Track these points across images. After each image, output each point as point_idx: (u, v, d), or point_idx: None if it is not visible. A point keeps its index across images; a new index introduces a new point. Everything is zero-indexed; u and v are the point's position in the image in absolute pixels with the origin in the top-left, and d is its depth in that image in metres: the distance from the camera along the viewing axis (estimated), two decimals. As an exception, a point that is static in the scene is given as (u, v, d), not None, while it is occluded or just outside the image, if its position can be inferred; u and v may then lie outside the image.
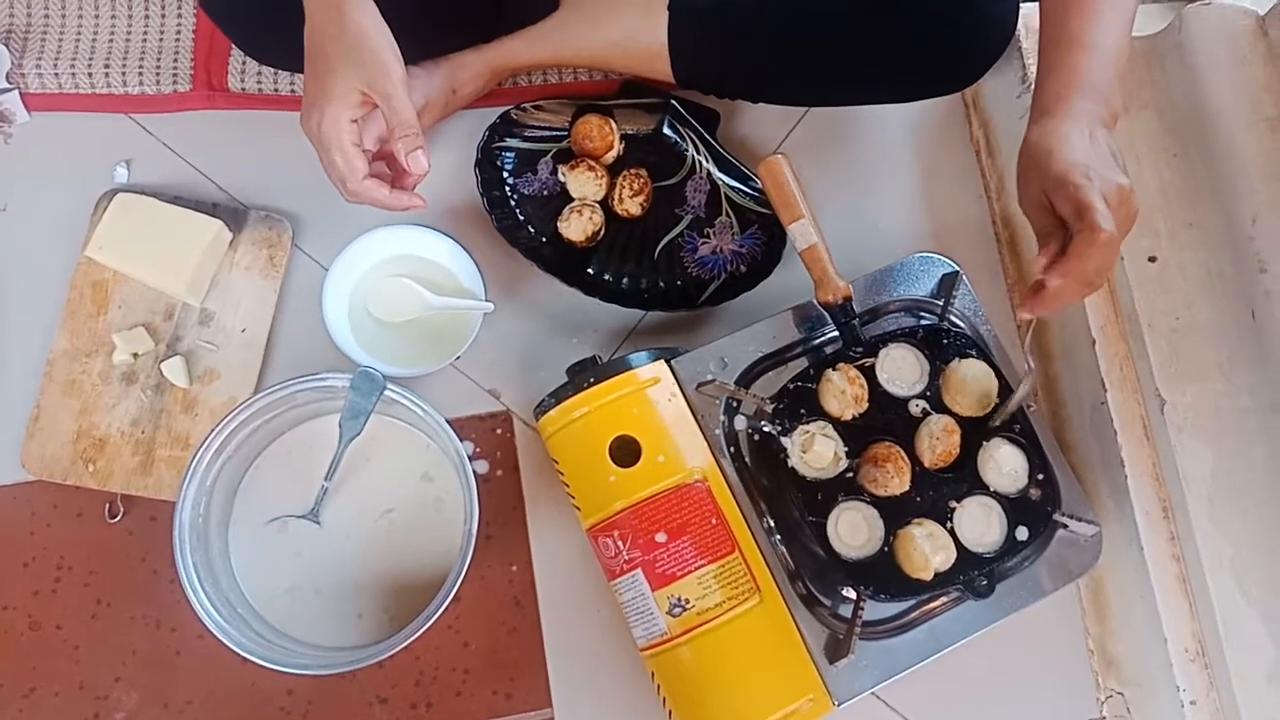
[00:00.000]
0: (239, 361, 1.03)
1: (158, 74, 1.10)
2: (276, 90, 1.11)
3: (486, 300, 1.02)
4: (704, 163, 1.11)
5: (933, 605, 0.95)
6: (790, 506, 0.94)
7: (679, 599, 0.91)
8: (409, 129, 0.81)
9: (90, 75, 1.09)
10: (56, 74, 1.09)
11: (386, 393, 0.92)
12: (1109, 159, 0.76)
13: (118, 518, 1.00)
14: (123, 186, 1.07)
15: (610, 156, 1.09)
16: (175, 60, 1.11)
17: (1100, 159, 0.75)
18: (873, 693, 0.99)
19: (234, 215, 1.06)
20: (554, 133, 1.11)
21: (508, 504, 1.04)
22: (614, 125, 1.09)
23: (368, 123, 0.85)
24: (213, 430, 0.90)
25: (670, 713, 0.92)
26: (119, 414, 1.01)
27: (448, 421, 0.93)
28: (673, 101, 1.11)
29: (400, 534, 1.00)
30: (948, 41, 1.00)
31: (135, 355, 1.02)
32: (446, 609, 0.90)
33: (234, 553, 0.97)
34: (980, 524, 0.93)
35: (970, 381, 0.95)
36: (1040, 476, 0.94)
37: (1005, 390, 0.96)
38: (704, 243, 1.09)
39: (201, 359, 1.03)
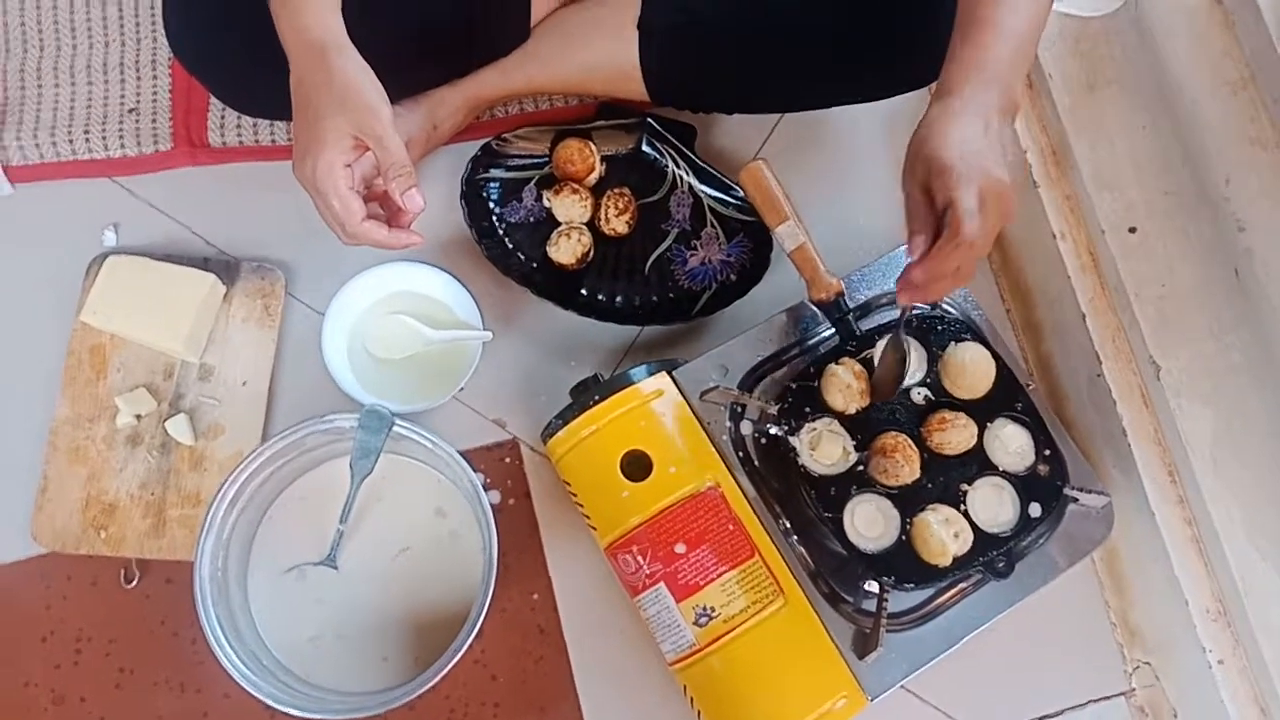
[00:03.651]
0: (243, 414, 1.03)
1: (138, 135, 1.11)
2: (257, 142, 1.12)
3: (484, 329, 1.03)
4: (685, 177, 1.12)
5: (954, 592, 0.95)
6: (804, 506, 0.94)
7: (704, 608, 0.91)
8: (402, 169, 0.81)
9: (71, 142, 1.10)
10: (37, 144, 1.09)
11: (395, 429, 0.92)
12: (998, 152, 0.77)
13: (133, 582, 1.00)
14: (112, 250, 1.07)
15: (592, 178, 1.11)
16: (154, 120, 1.12)
17: (989, 151, 0.76)
18: (904, 687, 1.00)
19: (226, 268, 1.06)
20: (535, 160, 1.12)
21: (523, 532, 1.05)
22: (594, 147, 1.10)
23: (355, 165, 0.86)
24: (225, 481, 0.90)
25: (705, 724, 0.92)
26: (127, 477, 1.01)
27: (456, 453, 0.93)
28: (649, 120, 1.12)
29: (418, 572, 1.00)
30: (911, 40, 1.02)
31: (138, 417, 1.01)
32: (471, 644, 0.89)
33: (254, 605, 0.97)
34: (993, 504, 0.94)
35: (969, 364, 0.96)
36: (1046, 452, 0.95)
37: (1003, 370, 0.97)
38: (692, 255, 1.11)
39: (205, 415, 1.03)
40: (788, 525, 0.95)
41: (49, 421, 1.02)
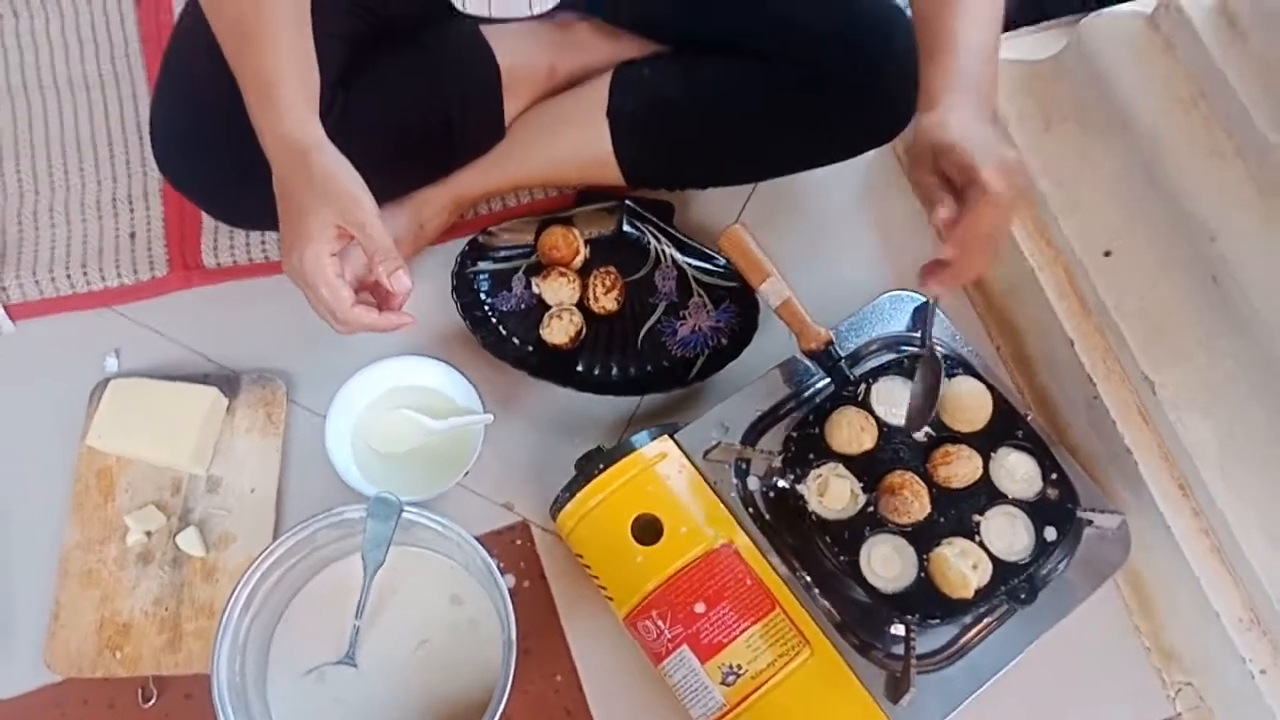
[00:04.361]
0: (252, 522, 1.03)
1: (134, 264, 1.14)
2: (250, 260, 1.15)
3: (485, 412, 1.04)
4: (667, 251, 1.15)
5: (980, 628, 0.94)
6: (821, 556, 0.94)
7: (730, 666, 0.90)
8: (388, 253, 0.83)
9: (69, 277, 1.13)
10: (36, 281, 1.13)
11: (405, 515, 0.92)
12: (995, 136, 0.81)
13: (152, 701, 0.98)
14: (114, 375, 1.09)
15: (578, 262, 1.14)
16: (149, 248, 1.15)
17: (990, 133, 0.80)
18: (943, 732, 0.98)
19: (227, 382, 1.08)
20: (521, 250, 1.15)
21: (540, 614, 1.03)
22: (576, 232, 1.13)
23: (345, 261, 0.88)
24: (238, 584, 0.90)
25: (746, 788, 0.90)
26: (140, 595, 1.00)
27: (467, 537, 0.93)
28: (627, 201, 1.16)
29: (438, 663, 0.98)
30: (865, 101, 1.06)
31: (148, 534, 1.01)
32: (498, 730, 0.88)
33: (275, 711, 0.95)
34: (1007, 533, 0.94)
35: (965, 397, 0.97)
36: (1053, 476, 0.95)
37: (1000, 401, 0.98)
38: (682, 324, 1.13)
39: (215, 526, 1.03)
40: (808, 579, 0.94)
41: (58, 548, 1.02)
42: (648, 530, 0.94)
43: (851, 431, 0.96)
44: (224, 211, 1.08)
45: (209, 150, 0.97)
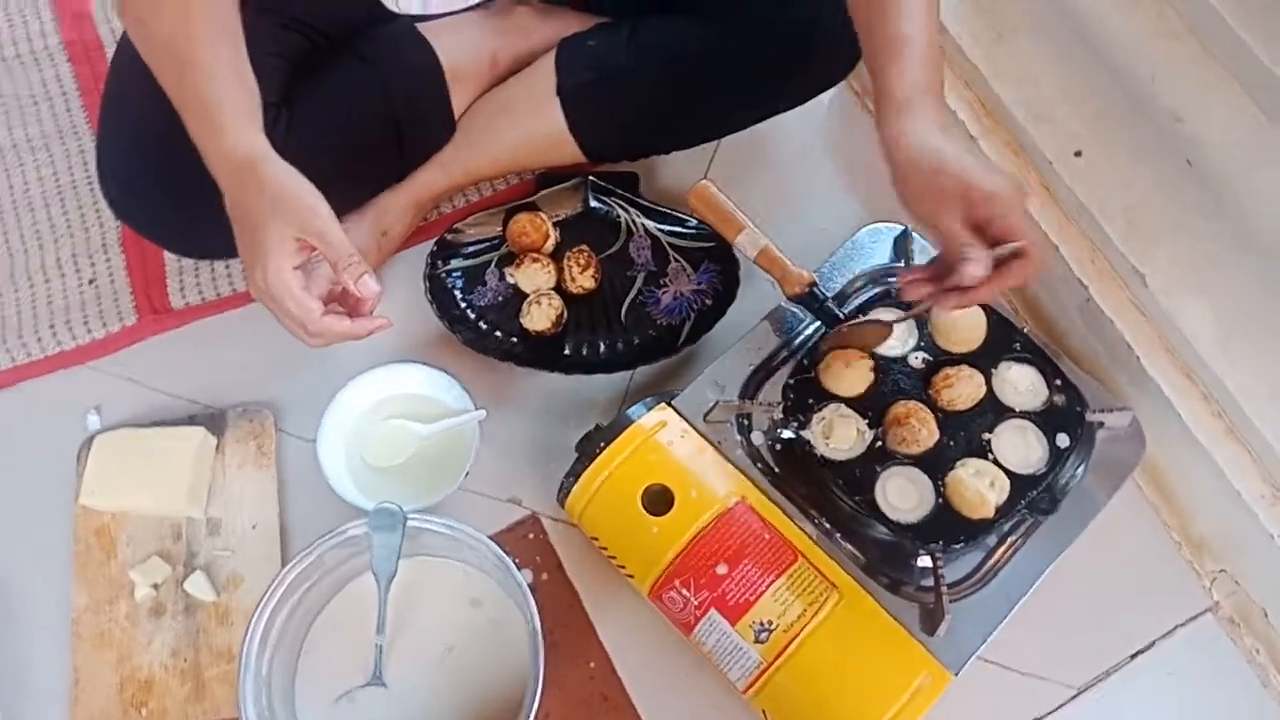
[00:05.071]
0: (259, 558, 1.01)
1: (102, 317, 1.12)
2: (218, 295, 1.14)
3: (476, 409, 1.02)
4: (638, 220, 1.14)
5: (1005, 548, 0.93)
6: (837, 501, 0.92)
7: (761, 623, 0.88)
8: (350, 258, 0.81)
9: (39, 340, 1.11)
10: (7, 349, 1.11)
11: (411, 523, 0.90)
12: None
13: (185, 751, 0.96)
14: (98, 431, 1.07)
15: (549, 245, 1.12)
16: (115, 299, 1.13)
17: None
18: (989, 660, 0.96)
19: (213, 420, 1.06)
20: (491, 242, 1.13)
21: (563, 604, 1.02)
22: (543, 216, 1.12)
23: (310, 279, 0.86)
24: (252, 619, 0.88)
25: (795, 744, 0.88)
26: (156, 649, 0.98)
27: (477, 537, 0.91)
28: (590, 177, 1.14)
29: (467, 669, 0.96)
30: (810, 49, 1.04)
31: (156, 586, 0.99)
32: (538, 722, 0.86)
33: (310, 743, 0.93)
34: (1020, 446, 0.92)
35: (957, 318, 0.96)
36: (1058, 382, 0.94)
37: (994, 316, 0.97)
38: (664, 292, 1.11)
39: (222, 567, 1.01)
40: (827, 525, 0.93)
41: (69, 613, 1.00)
42: (658, 500, 0.93)
43: (848, 370, 0.94)
44: (181, 243, 1.06)
45: (156, 181, 0.95)
